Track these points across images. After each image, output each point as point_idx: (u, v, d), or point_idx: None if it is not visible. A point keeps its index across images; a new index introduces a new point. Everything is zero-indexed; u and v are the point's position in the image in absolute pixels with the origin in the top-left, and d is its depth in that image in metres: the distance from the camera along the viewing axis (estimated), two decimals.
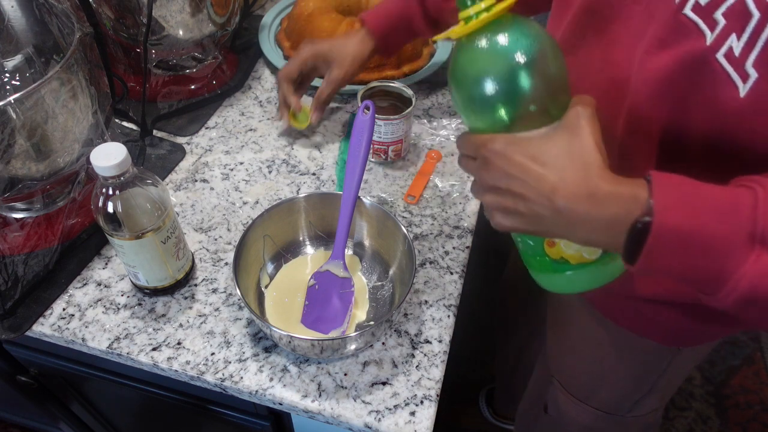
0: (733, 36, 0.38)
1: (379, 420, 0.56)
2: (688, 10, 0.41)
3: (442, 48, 0.97)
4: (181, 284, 0.65)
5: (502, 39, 0.42)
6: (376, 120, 0.72)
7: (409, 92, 0.79)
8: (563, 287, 0.50)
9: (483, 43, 0.43)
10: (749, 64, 0.38)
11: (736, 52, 0.38)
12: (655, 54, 0.44)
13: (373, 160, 0.81)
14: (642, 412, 0.77)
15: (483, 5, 0.42)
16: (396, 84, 0.80)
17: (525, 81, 0.42)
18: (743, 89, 0.39)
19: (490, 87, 0.43)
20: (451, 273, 0.68)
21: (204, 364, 0.59)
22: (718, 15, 0.39)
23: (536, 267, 0.51)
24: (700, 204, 0.38)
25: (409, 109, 0.76)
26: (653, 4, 0.45)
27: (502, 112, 0.44)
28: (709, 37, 0.40)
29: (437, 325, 0.63)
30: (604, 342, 0.70)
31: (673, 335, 0.64)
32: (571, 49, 0.56)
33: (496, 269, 1.18)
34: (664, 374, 0.70)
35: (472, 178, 0.71)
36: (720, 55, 0.39)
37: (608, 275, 0.47)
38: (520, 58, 0.42)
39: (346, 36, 0.79)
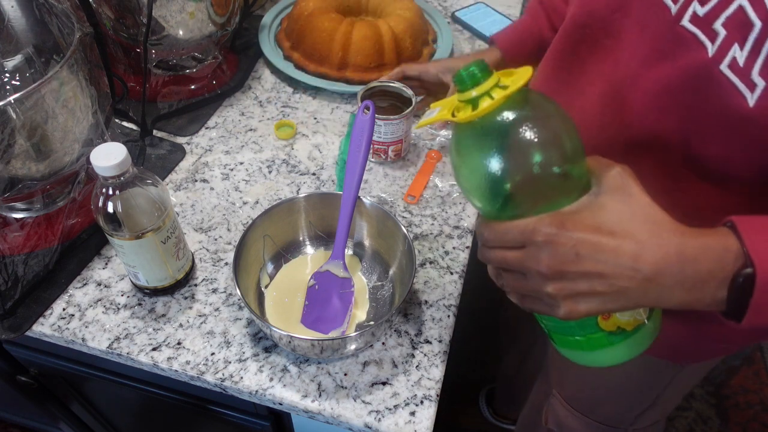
0: (736, 46, 0.38)
1: (379, 420, 0.56)
2: (686, 22, 0.41)
3: (441, 48, 0.97)
4: (181, 284, 0.65)
5: (523, 117, 0.39)
6: (376, 120, 0.72)
7: (409, 92, 0.79)
8: (616, 358, 0.45)
9: (502, 123, 0.39)
10: (755, 74, 0.37)
11: (740, 62, 0.38)
12: (655, 65, 0.44)
13: (373, 160, 0.81)
14: (644, 425, 0.77)
15: (489, 84, 0.39)
16: (396, 84, 0.80)
17: (552, 154, 0.39)
18: (752, 99, 0.38)
19: (516, 168, 0.39)
20: (451, 273, 0.68)
21: (204, 364, 0.59)
22: (718, 26, 0.38)
23: (584, 346, 0.45)
24: None
25: (409, 109, 0.76)
26: (646, 17, 0.45)
27: (530, 191, 0.40)
28: (711, 49, 0.39)
29: (437, 325, 0.63)
30: None
31: (677, 352, 0.63)
32: (564, 65, 0.56)
33: None
34: (666, 389, 0.70)
35: None
36: (724, 67, 0.39)
37: (657, 330, 0.45)
38: (544, 132, 0.39)
39: (474, 54, 0.80)
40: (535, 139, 0.39)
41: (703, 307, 0.39)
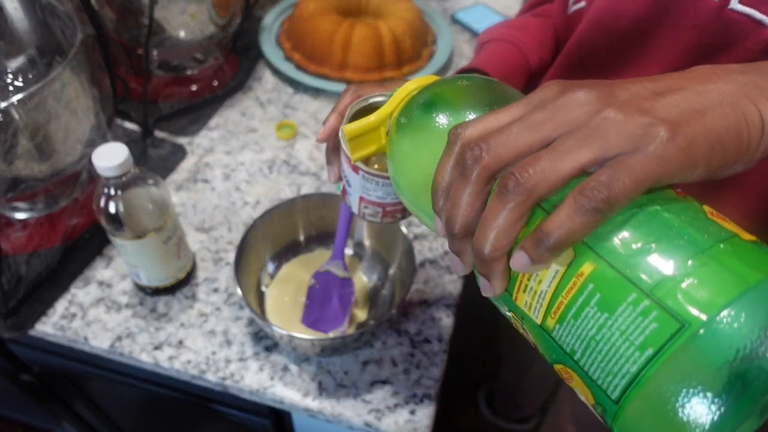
0: None
1: (379, 419, 0.56)
2: (735, 4, 0.37)
3: (441, 49, 0.97)
4: (182, 284, 0.66)
5: (432, 115, 0.33)
6: (387, 182, 0.45)
7: None
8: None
9: (416, 128, 0.34)
10: None
11: None
12: (705, 62, 0.38)
13: (381, 224, 0.50)
14: None
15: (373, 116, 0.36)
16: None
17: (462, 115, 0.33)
18: None
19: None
20: (451, 273, 0.68)
21: (205, 363, 0.60)
22: None
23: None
24: None
25: None
26: (681, 13, 0.41)
27: None
28: None
29: (437, 325, 0.64)
30: None
31: None
32: (581, 74, 0.51)
33: None
34: None
35: None
36: None
37: None
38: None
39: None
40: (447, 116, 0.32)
41: None
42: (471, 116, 0.31)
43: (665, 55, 0.42)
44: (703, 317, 0.22)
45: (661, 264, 0.23)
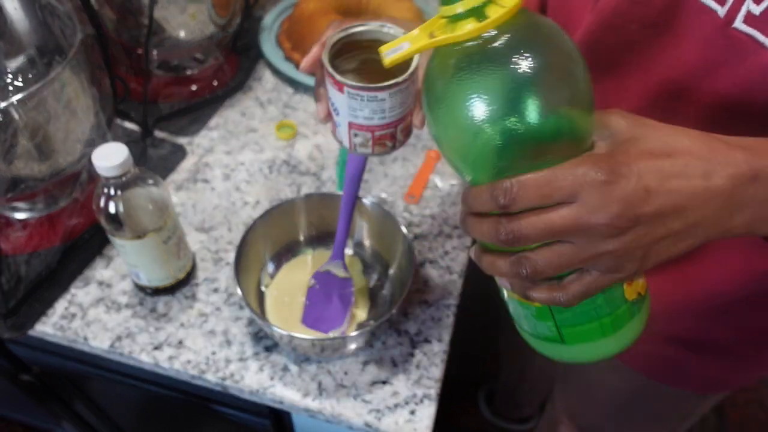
0: None
1: (379, 419, 0.56)
2: (739, 23, 0.37)
3: None
4: (182, 284, 0.66)
5: (537, 41, 0.31)
6: (369, 97, 0.44)
7: (397, 32, 0.47)
8: (634, 334, 0.37)
9: (513, 45, 0.30)
10: None
11: None
12: (708, 76, 0.40)
13: (374, 154, 0.50)
14: None
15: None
16: (372, 27, 0.48)
17: (574, 92, 0.31)
18: None
19: (529, 108, 0.30)
20: (451, 273, 0.68)
21: (205, 363, 0.60)
22: None
23: (609, 328, 0.36)
24: None
25: (415, 62, 0.45)
26: (688, 25, 0.40)
27: (537, 141, 0.31)
28: None
29: (437, 325, 0.64)
30: (623, 389, 0.67)
31: (709, 384, 0.60)
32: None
33: None
34: (686, 420, 0.67)
35: None
36: None
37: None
38: (563, 63, 0.31)
39: None
40: (555, 71, 0.30)
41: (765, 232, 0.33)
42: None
43: (669, 63, 0.42)
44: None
45: None
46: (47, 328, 0.62)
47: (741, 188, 0.31)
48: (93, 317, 0.63)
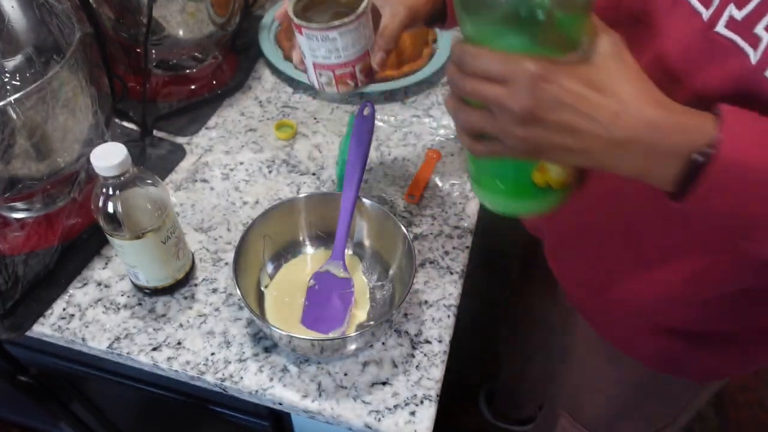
0: None
1: (379, 420, 0.56)
2: (721, 28, 0.38)
3: (441, 49, 0.97)
4: (181, 284, 0.65)
5: None
6: (322, 36, 0.53)
7: None
8: (530, 209, 0.48)
9: None
10: (760, 28, 0.35)
11: None
12: (687, 77, 0.41)
13: (340, 92, 0.61)
14: None
15: None
16: None
17: None
18: None
19: None
20: (451, 273, 0.68)
21: (204, 364, 0.59)
22: (760, 30, 0.36)
23: (509, 193, 0.47)
24: None
25: (364, 5, 0.53)
26: (672, 25, 0.42)
27: (532, 19, 0.36)
28: (754, 56, 0.36)
29: (437, 325, 0.63)
30: (622, 380, 0.68)
31: (706, 372, 0.61)
32: None
33: (501, 271, 1.18)
34: (685, 409, 0.68)
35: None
36: None
37: (573, 192, 0.48)
38: None
39: None
40: None
41: (654, 181, 0.39)
42: None
43: (655, 54, 0.44)
44: None
45: None
46: (45, 328, 0.62)
47: (632, 145, 0.37)
48: (91, 318, 0.63)
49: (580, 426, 0.79)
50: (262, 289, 0.65)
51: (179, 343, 0.61)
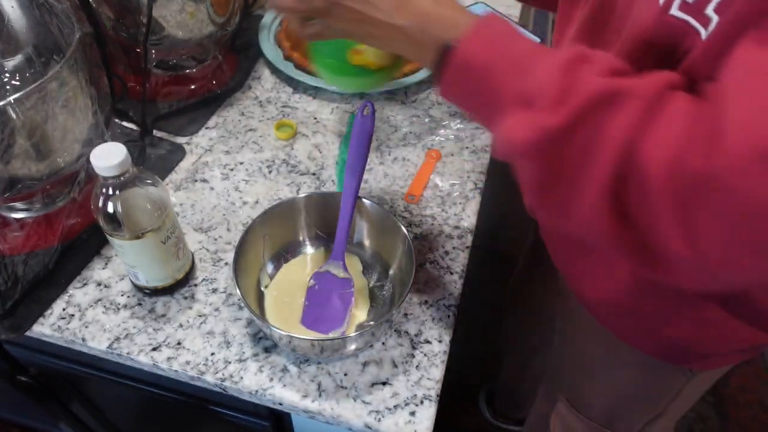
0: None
1: (379, 420, 0.56)
2: (675, 10, 0.39)
3: None
4: (181, 284, 0.65)
5: None
6: None
7: None
8: (354, 86, 0.66)
9: None
10: (710, 10, 0.37)
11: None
12: (647, 60, 0.42)
13: None
14: None
15: None
16: None
17: None
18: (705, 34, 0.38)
19: None
20: (451, 273, 0.68)
21: (204, 364, 0.59)
22: (710, 11, 0.37)
23: (335, 69, 0.58)
24: (505, 49, 0.40)
25: None
26: (629, 11, 0.44)
27: None
28: (704, 34, 0.38)
29: (437, 325, 0.63)
30: (617, 363, 0.69)
31: (694, 357, 0.62)
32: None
33: (501, 272, 1.18)
34: (678, 397, 0.68)
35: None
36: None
37: (394, 76, 0.60)
38: None
39: None
40: None
41: (426, 66, 0.46)
42: None
43: (620, 41, 0.46)
44: None
45: None
46: (45, 329, 0.62)
47: (408, 32, 0.45)
48: (91, 318, 0.63)
49: (576, 411, 0.80)
50: (262, 289, 0.65)
51: (179, 343, 0.61)
